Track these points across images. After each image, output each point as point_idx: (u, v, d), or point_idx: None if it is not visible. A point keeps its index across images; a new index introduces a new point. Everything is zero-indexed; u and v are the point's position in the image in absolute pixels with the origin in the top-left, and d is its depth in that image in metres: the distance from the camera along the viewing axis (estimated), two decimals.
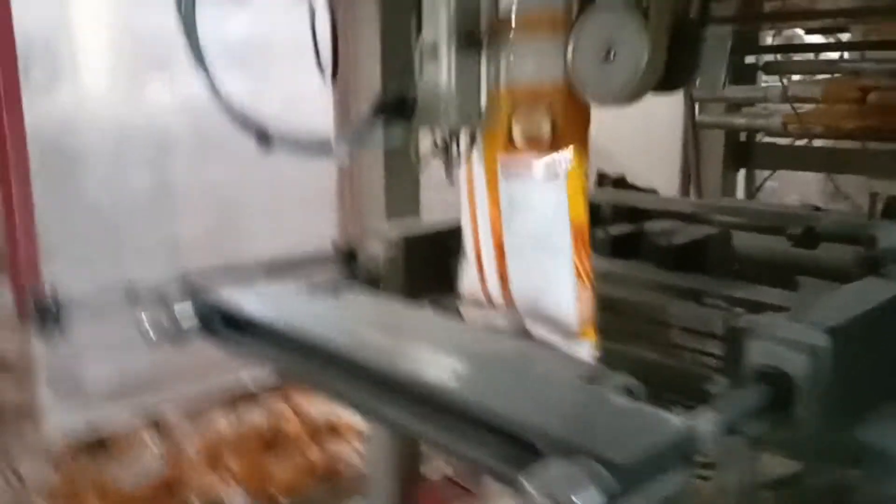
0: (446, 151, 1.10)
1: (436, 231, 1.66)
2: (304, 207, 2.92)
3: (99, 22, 2.70)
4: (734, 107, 3.17)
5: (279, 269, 1.76)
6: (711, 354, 1.20)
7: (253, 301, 1.21)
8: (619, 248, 1.50)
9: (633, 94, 1.02)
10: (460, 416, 0.82)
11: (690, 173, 3.33)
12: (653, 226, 1.62)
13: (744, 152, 3.28)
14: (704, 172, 3.30)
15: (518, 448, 0.76)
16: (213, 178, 2.90)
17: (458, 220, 1.35)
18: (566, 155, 1.07)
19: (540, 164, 1.08)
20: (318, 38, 1.64)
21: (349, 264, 1.77)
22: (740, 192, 3.33)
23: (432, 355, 0.98)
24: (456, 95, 1.03)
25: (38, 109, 2.51)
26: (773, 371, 0.96)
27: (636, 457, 0.72)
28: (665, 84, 1.08)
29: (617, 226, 1.61)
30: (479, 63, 1.05)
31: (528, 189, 1.11)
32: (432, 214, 1.78)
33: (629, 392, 0.94)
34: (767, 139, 3.21)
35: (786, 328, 0.98)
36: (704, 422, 0.85)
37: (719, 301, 1.26)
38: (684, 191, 3.44)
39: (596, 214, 1.77)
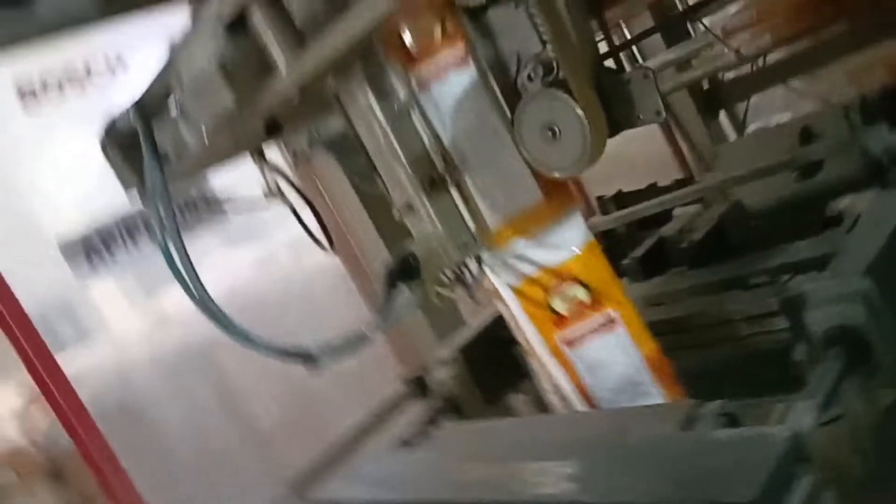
0: (463, 283, 1.18)
1: (483, 328, 1.74)
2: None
3: None
4: (686, 64, 3.25)
5: (367, 429, 1.84)
6: (781, 330, 1.24)
7: (365, 485, 1.28)
8: (648, 267, 1.55)
9: (591, 160, 1.09)
10: None
11: (677, 142, 3.38)
12: (668, 229, 1.67)
13: (713, 97, 3.34)
14: (688, 132, 3.36)
15: None
16: (274, 371, 2.99)
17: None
18: (609, 312, 1.16)
19: (595, 326, 1.17)
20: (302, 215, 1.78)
21: (423, 392, 1.85)
22: (731, 134, 3.37)
23: (539, 469, 1.03)
24: (447, 237, 1.11)
25: (80, 361, 2.58)
26: (840, 331, 1.00)
27: (759, 488, 0.77)
28: (615, 129, 1.16)
29: (638, 246, 1.67)
30: (451, 198, 1.14)
31: (597, 350, 1.18)
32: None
33: (727, 416, 0.99)
34: (728, 76, 3.28)
35: (831, 286, 1.03)
36: (802, 414, 0.89)
37: (761, 277, 1.31)
38: (677, 156, 3.48)
39: (615, 242, 1.84)
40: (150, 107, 1.18)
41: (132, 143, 1.28)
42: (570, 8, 1.10)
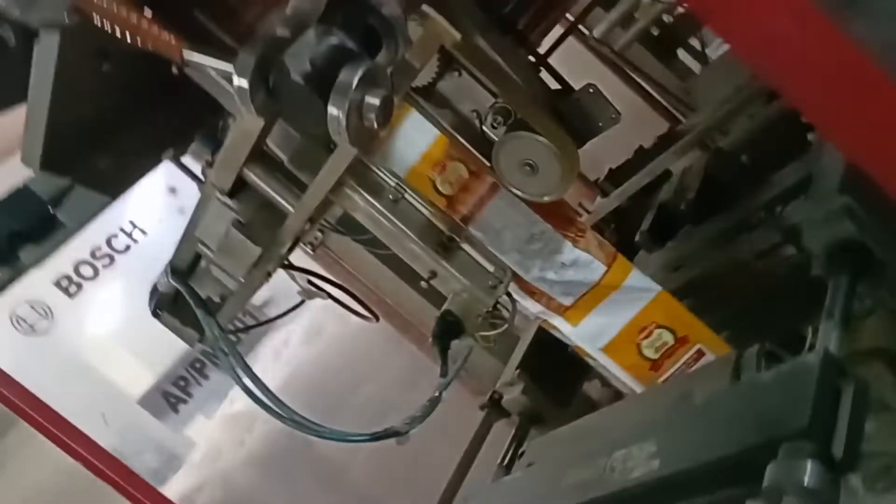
0: (502, 318, 1.31)
1: (534, 338, 1.86)
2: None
3: None
4: (629, 19, 3.35)
5: (464, 465, 1.96)
6: (793, 255, 1.35)
7: None
8: (659, 235, 1.66)
9: (572, 174, 1.21)
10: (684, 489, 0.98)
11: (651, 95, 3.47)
12: (666, 193, 1.78)
13: (666, 40, 3.43)
14: (656, 80, 3.46)
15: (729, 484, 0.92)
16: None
17: None
18: (698, 346, 1.30)
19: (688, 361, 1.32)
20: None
21: (502, 415, 1.97)
22: (695, 67, 3.46)
23: (626, 455, 1.14)
24: (475, 287, 1.24)
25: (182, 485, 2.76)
26: (837, 246, 1.11)
27: (808, 415, 0.87)
28: (581, 141, 1.29)
29: (646, 212, 1.78)
30: (465, 252, 1.27)
31: None
32: None
33: (767, 356, 1.10)
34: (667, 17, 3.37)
35: (816, 210, 1.13)
36: (828, 334, 1.00)
37: (759, 214, 1.42)
38: (657, 108, 3.57)
39: (625, 217, 1.95)
40: (183, 269, 1.33)
41: (178, 301, 1.44)
42: (505, 57, 1.23)
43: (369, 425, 1.29)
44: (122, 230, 2.74)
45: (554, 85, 1.74)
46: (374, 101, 0.69)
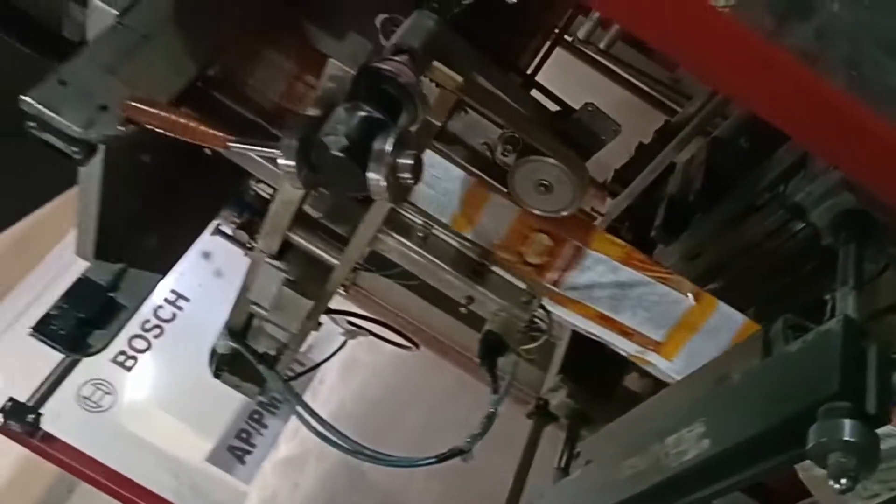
0: (540, 330, 1.39)
1: (570, 340, 1.94)
2: None
3: None
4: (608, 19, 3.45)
5: (522, 473, 2.04)
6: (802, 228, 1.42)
7: None
8: (673, 227, 1.74)
9: (584, 190, 1.30)
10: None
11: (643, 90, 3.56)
12: (673, 187, 1.86)
13: None
14: (645, 73, 3.55)
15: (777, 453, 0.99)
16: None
17: None
18: None
19: None
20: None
21: (551, 420, 2.04)
22: None
23: (677, 440, 1.22)
24: (511, 306, 1.33)
25: None
26: (840, 217, 1.19)
27: (838, 380, 0.95)
28: (587, 156, 1.37)
29: (656, 214, 1.86)
30: (496, 274, 1.36)
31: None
32: None
33: (793, 328, 1.17)
34: None
35: (815, 188, 1.22)
36: (844, 299, 1.08)
37: (764, 195, 1.49)
38: (651, 102, 3.66)
39: (639, 216, 2.03)
40: (239, 330, 1.43)
41: (235, 361, 1.54)
42: (503, 89, 1.32)
43: (420, 450, 1.38)
44: (167, 300, 2.88)
45: (545, 101, 1.84)
46: (407, 161, 0.79)
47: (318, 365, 2.07)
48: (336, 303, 1.76)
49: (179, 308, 2.92)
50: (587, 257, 1.35)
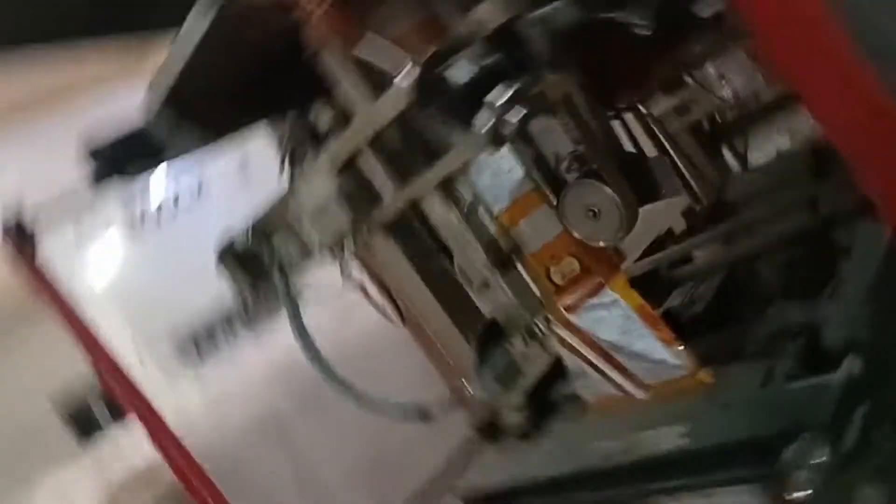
0: (537, 338, 1.44)
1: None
2: None
3: None
4: (685, 108, 3.54)
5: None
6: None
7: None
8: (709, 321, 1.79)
9: (628, 229, 1.35)
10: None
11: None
12: (702, 294, 1.93)
13: (714, 136, 3.62)
14: (694, 164, 3.63)
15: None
16: None
17: None
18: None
19: None
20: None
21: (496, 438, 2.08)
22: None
23: (656, 434, 1.26)
24: (521, 305, 1.38)
25: None
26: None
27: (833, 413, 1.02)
28: (643, 202, 1.43)
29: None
30: (519, 273, 1.41)
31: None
32: None
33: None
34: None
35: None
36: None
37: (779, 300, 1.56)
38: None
39: (654, 282, 2.10)
40: (266, 230, 1.47)
41: (246, 257, 1.57)
42: (594, 114, 1.38)
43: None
44: (190, 190, 2.95)
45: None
46: (512, 119, 0.84)
47: None
48: None
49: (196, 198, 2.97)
50: (607, 295, 1.40)
